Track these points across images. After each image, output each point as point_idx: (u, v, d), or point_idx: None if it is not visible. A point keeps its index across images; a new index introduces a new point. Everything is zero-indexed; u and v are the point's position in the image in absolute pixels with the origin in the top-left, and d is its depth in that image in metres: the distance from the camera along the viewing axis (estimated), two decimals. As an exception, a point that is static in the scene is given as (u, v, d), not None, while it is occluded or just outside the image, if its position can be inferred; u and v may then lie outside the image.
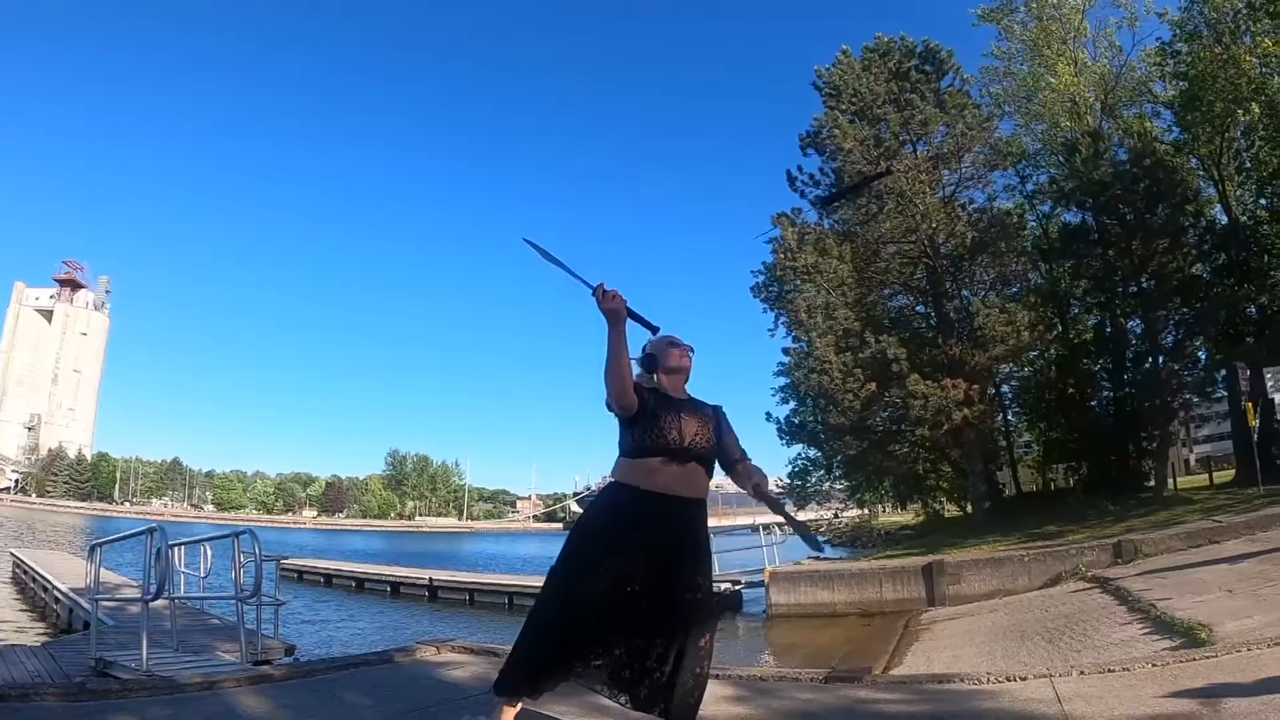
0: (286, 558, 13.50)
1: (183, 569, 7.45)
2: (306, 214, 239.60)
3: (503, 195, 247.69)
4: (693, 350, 3.43)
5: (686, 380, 3.41)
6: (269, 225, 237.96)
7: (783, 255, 22.43)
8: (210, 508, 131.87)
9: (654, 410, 3.18)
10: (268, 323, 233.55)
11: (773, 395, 29.16)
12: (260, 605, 7.05)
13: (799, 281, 22.29)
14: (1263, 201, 23.72)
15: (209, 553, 8.27)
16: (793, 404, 27.23)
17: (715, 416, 3.40)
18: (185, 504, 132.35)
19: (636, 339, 3.31)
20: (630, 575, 3.06)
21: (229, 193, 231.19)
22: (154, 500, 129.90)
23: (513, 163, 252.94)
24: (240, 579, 6.69)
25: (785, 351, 22.82)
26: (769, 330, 24.91)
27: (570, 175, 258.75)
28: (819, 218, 23.12)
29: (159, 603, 6.50)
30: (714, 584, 3.29)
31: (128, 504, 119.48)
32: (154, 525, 6.05)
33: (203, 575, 8.23)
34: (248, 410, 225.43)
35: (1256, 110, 20.75)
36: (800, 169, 23.86)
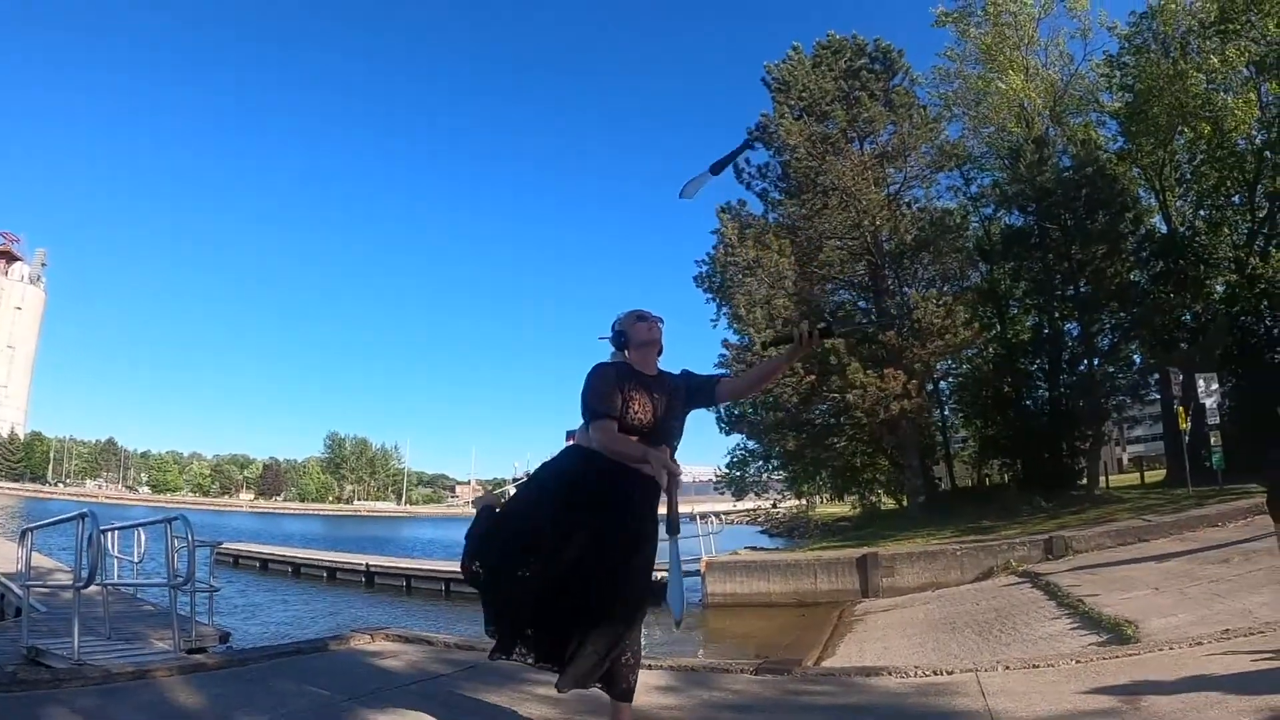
0: (222, 543, 13.25)
1: (116, 554, 7.28)
2: (249, 193, 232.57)
3: (452, 175, 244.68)
4: (662, 321, 3.38)
5: (659, 353, 3.37)
6: (210, 204, 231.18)
7: (724, 250, 22.63)
8: (146, 489, 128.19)
9: (627, 393, 3.13)
10: (207, 303, 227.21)
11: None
12: (194, 592, 6.94)
13: (740, 275, 22.48)
14: (1201, 213, 24.59)
15: (143, 537, 8.10)
16: (733, 393, 27.29)
17: (684, 382, 3.40)
18: (120, 485, 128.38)
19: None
20: (587, 538, 3.06)
21: (170, 170, 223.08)
22: (88, 481, 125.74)
23: (446, 137, 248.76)
24: (175, 565, 6.58)
25: (725, 344, 23.06)
26: (711, 320, 25.10)
27: (513, 155, 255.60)
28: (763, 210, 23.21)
29: (91, 589, 6.35)
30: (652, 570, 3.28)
31: (61, 485, 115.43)
32: (86, 510, 5.90)
33: (136, 561, 8.05)
34: (185, 390, 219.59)
35: (1207, 129, 21.56)
36: (748, 161, 24.06)
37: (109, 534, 6.33)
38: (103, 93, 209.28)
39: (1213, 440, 17.93)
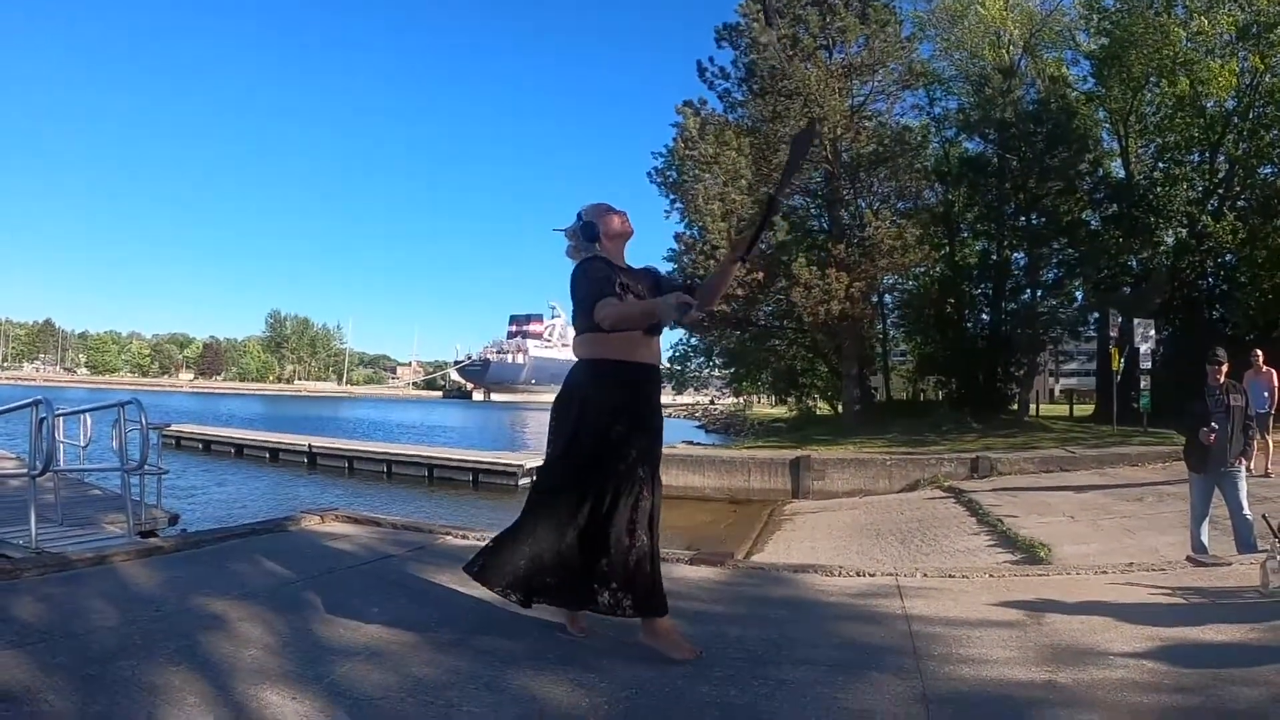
0: (168, 425, 13.13)
1: (62, 439, 7.20)
2: (191, 64, 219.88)
3: (397, 43, 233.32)
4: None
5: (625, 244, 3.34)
6: (150, 75, 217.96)
7: (683, 144, 22.33)
8: (84, 370, 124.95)
9: (619, 284, 3.08)
10: (143, 174, 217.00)
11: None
12: (144, 475, 6.95)
13: (698, 171, 22.29)
14: (1161, 165, 24.66)
15: (89, 422, 8.02)
16: (679, 290, 27.31)
17: (654, 278, 3.37)
18: (58, 368, 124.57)
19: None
20: (635, 447, 3.05)
21: (111, 37, 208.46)
22: (25, 364, 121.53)
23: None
24: (125, 449, 6.55)
25: (677, 237, 23.02)
26: (665, 213, 24.93)
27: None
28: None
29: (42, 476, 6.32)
30: None
31: None
32: (39, 397, 5.79)
33: (83, 445, 7.98)
34: (123, 268, 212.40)
35: (1185, 84, 21.52)
36: (712, 60, 23.55)
37: (56, 419, 6.22)
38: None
39: (1142, 384, 18.44)
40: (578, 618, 3.25)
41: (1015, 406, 26.08)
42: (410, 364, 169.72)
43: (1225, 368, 6.42)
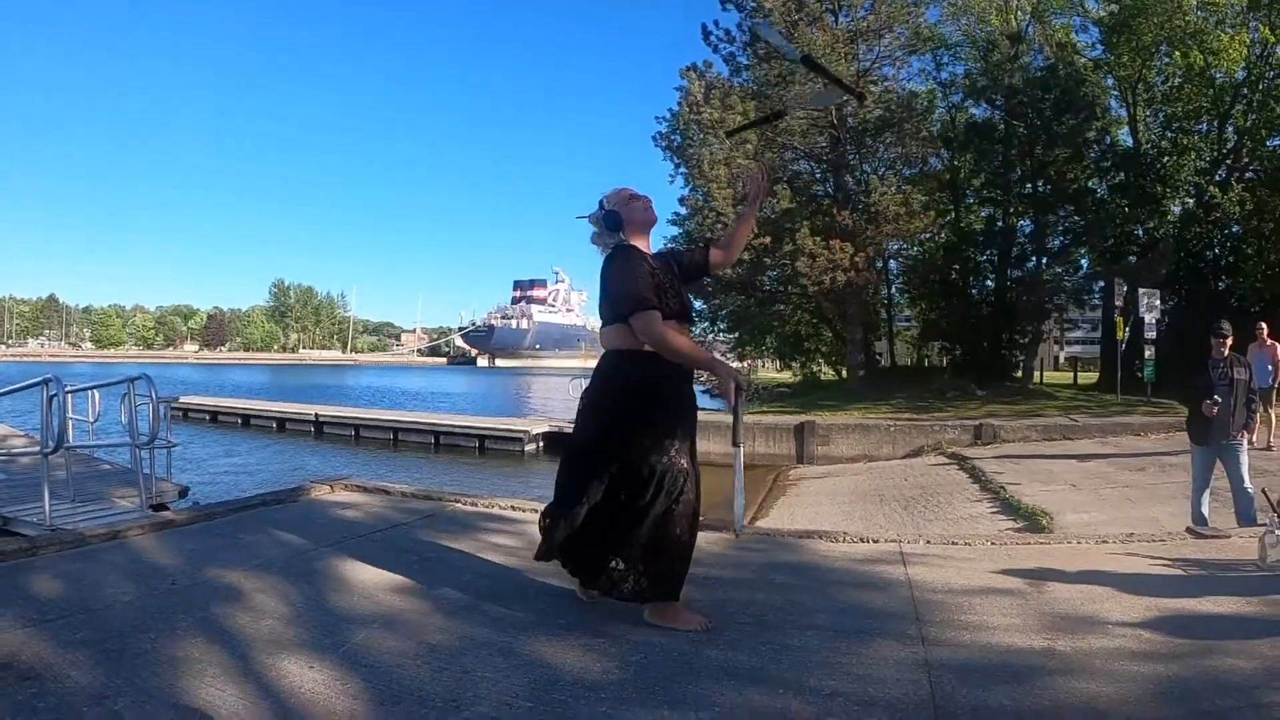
0: (179, 398, 13.21)
1: (72, 414, 7.27)
2: (191, 38, 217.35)
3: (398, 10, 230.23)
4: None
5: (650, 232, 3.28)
6: (148, 50, 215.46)
7: (688, 109, 22.16)
8: (89, 345, 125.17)
9: (658, 279, 3.03)
10: (145, 146, 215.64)
11: (666, 244, 29.28)
12: (154, 449, 7.01)
13: (702, 134, 22.13)
14: (1169, 134, 24.38)
15: (97, 398, 8.06)
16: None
17: (675, 261, 3.33)
18: (63, 343, 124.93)
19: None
20: (679, 437, 3.05)
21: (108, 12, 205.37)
22: (30, 341, 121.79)
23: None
24: (135, 424, 6.60)
25: (682, 201, 22.89)
26: (669, 177, 24.74)
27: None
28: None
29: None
30: None
31: (3, 346, 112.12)
32: (49, 376, 5.81)
33: (92, 420, 8.03)
34: (126, 239, 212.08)
35: (1198, 57, 21.22)
36: (717, 24, 23.19)
37: (67, 396, 6.27)
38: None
39: (1147, 353, 18.42)
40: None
41: (1019, 374, 26.01)
42: (415, 331, 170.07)
43: (1229, 341, 6.40)
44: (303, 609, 3.12)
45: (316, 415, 22.49)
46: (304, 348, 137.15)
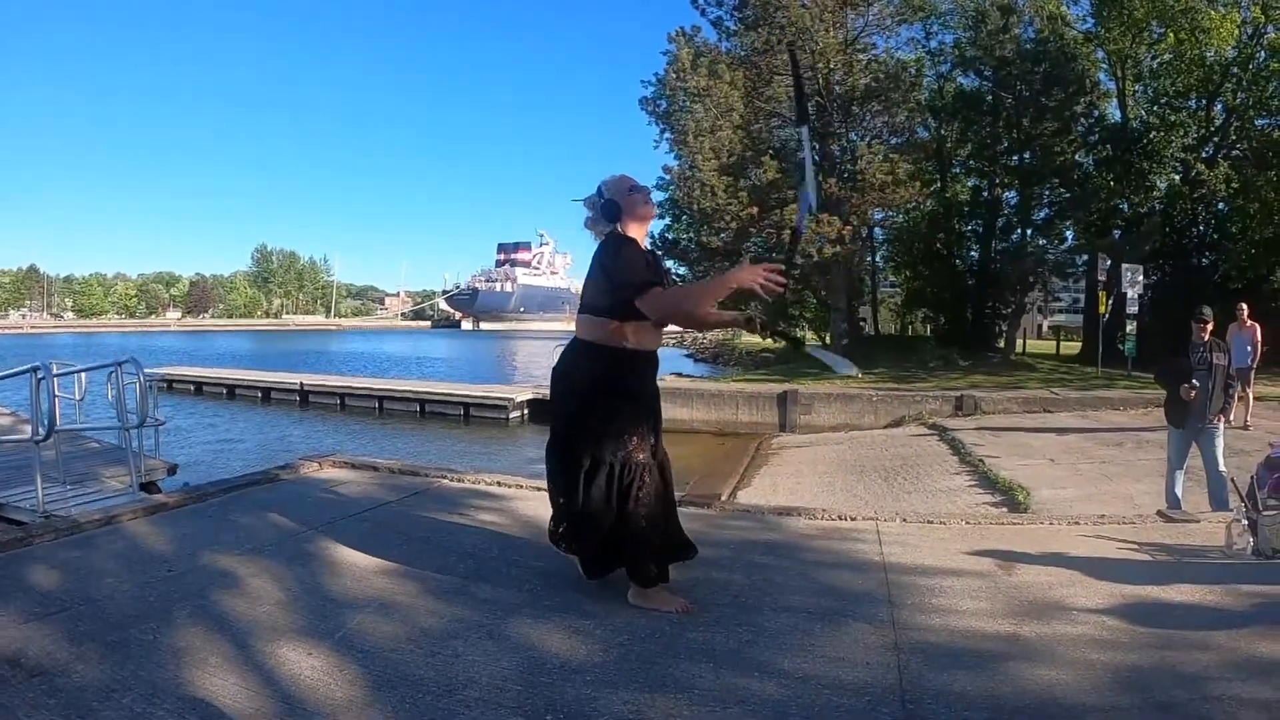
0: (162, 375, 13.11)
1: (58, 392, 7.27)
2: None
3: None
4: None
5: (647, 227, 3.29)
6: (122, 6, 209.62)
7: (675, 75, 22.00)
8: (71, 315, 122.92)
9: (656, 269, 3.08)
10: (123, 111, 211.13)
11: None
12: (142, 428, 7.03)
13: (689, 102, 21.99)
14: (1157, 110, 24.35)
15: (83, 378, 8.01)
16: (668, 220, 27.40)
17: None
18: (45, 314, 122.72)
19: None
20: (640, 432, 3.12)
21: None
22: (11, 312, 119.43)
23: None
24: (123, 407, 6.61)
25: (666, 170, 22.84)
26: (654, 143, 24.58)
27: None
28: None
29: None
30: None
31: None
32: (37, 364, 5.85)
33: (78, 398, 8.00)
34: (105, 206, 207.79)
35: (1185, 36, 21.11)
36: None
37: (55, 380, 6.26)
38: None
39: (1129, 328, 18.65)
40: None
41: (1002, 344, 26.32)
42: (398, 294, 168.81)
43: (1210, 326, 6.50)
44: (297, 593, 3.21)
45: (302, 385, 22.45)
46: (287, 313, 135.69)
